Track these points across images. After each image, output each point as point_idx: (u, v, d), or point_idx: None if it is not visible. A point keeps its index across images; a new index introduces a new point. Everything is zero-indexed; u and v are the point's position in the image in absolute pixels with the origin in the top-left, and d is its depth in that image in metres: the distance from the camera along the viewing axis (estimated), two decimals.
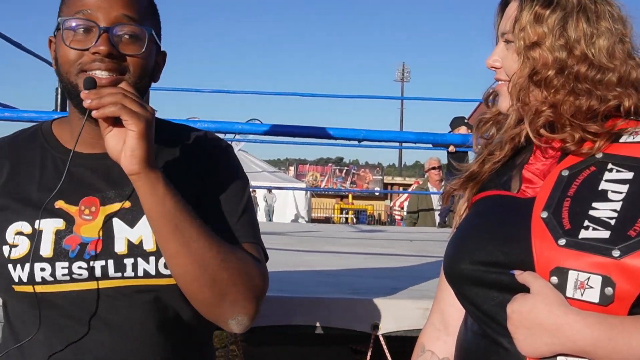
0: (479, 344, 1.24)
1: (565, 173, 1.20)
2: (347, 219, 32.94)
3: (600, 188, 1.15)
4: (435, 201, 9.35)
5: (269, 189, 21.13)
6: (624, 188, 1.13)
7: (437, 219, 9.29)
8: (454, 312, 1.40)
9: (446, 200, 1.49)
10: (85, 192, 1.35)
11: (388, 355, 1.95)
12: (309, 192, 26.15)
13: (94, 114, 1.22)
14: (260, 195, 24.33)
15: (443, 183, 8.88)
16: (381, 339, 1.96)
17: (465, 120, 8.25)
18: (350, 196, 36.15)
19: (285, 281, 2.51)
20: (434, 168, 9.15)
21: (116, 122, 1.24)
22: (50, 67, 1.46)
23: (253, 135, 6.80)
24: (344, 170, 39.65)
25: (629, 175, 1.14)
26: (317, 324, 2.01)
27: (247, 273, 1.35)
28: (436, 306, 1.48)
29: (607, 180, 1.15)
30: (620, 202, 1.11)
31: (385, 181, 40.23)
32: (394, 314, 1.99)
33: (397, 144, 7.69)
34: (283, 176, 26.49)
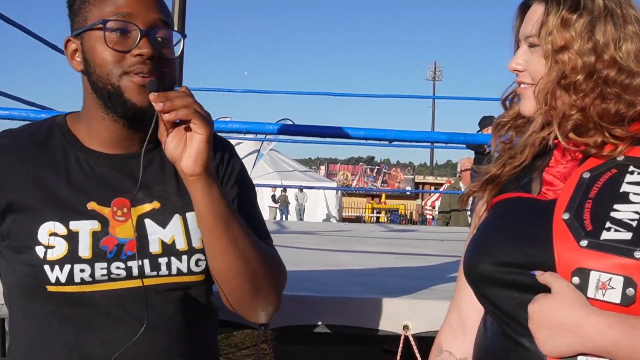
0: (499, 343, 1.24)
1: (587, 175, 1.22)
2: (378, 218, 32.87)
3: (621, 190, 1.17)
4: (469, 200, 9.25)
5: (300, 188, 21.18)
6: None
7: (469, 219, 9.22)
8: (471, 312, 1.41)
9: (465, 202, 1.50)
10: (115, 194, 1.37)
11: (418, 356, 1.94)
12: (339, 192, 26.14)
13: (166, 117, 1.25)
14: (291, 195, 24.42)
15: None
16: (411, 339, 1.96)
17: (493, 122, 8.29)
18: (383, 195, 36.07)
19: (315, 281, 2.52)
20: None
21: (174, 125, 1.28)
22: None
23: (284, 135, 6.83)
24: (375, 170, 39.59)
25: None
26: (347, 324, 2.01)
27: (277, 268, 1.45)
28: (454, 306, 1.49)
29: (628, 183, 1.17)
30: None
31: (416, 180, 40.11)
32: (425, 315, 1.98)
33: (428, 144, 7.65)
34: (314, 175, 26.54)
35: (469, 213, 9.38)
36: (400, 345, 1.95)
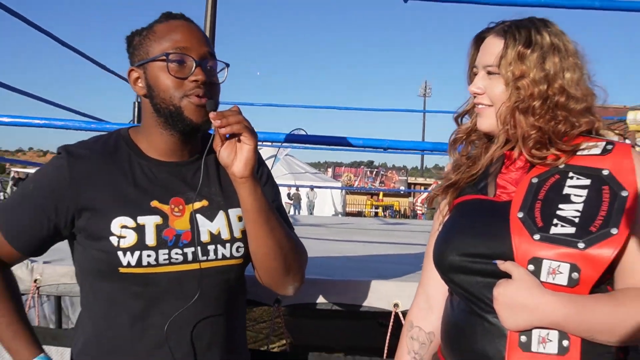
0: (466, 319, 1.27)
1: (535, 180, 1.26)
2: (376, 213, 32.77)
3: (564, 192, 1.22)
4: None
5: (311, 187, 21.13)
6: (584, 192, 1.20)
7: None
8: (436, 294, 1.45)
9: (430, 203, 1.53)
10: (172, 194, 1.44)
11: None
12: (344, 190, 26.08)
13: (222, 131, 1.33)
14: (303, 193, 24.38)
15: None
16: (400, 315, 1.97)
17: None
18: (380, 194, 35.95)
19: (322, 266, 2.52)
20: None
21: (227, 137, 1.36)
22: (124, 82, 1.49)
23: (297, 143, 6.84)
24: (374, 172, 39.52)
25: (587, 182, 1.21)
26: (348, 302, 2.02)
27: (302, 251, 1.52)
28: (421, 289, 1.52)
29: (569, 186, 1.22)
30: (582, 204, 1.18)
31: (409, 181, 39.93)
32: (412, 295, 1.93)
33: (418, 151, 7.66)
34: (322, 176, 26.48)
35: None
36: (391, 320, 1.95)
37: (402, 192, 36.42)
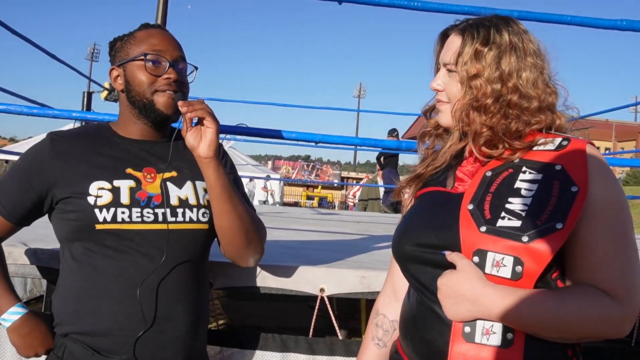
0: (419, 311, 1.22)
1: (489, 174, 1.20)
2: (311, 204, 32.91)
3: (515, 186, 1.15)
4: (382, 192, 9.39)
5: (251, 178, 21.00)
6: (534, 187, 1.13)
7: (382, 207, 9.32)
8: (402, 284, 1.38)
9: (397, 195, 1.45)
10: (144, 164, 1.55)
11: (330, 311, 1.96)
12: (282, 182, 26.04)
13: (188, 115, 1.45)
14: (244, 183, 24.16)
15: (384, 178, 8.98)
16: (326, 299, 1.96)
17: (395, 133, 9.07)
18: (316, 186, 36.09)
19: None
20: None
21: (193, 124, 1.47)
22: (75, 73, 1.47)
23: (239, 135, 6.75)
24: (311, 165, 39.67)
25: (538, 176, 1.14)
26: (279, 286, 2.00)
27: (261, 226, 1.62)
28: (389, 279, 1.47)
29: (521, 180, 1.15)
30: (530, 198, 1.11)
31: (342, 175, 40.27)
32: (337, 281, 1.99)
33: (350, 146, 7.72)
34: (262, 168, 26.32)
35: (381, 202, 9.50)
36: (317, 303, 1.95)
37: (335, 185, 36.70)
